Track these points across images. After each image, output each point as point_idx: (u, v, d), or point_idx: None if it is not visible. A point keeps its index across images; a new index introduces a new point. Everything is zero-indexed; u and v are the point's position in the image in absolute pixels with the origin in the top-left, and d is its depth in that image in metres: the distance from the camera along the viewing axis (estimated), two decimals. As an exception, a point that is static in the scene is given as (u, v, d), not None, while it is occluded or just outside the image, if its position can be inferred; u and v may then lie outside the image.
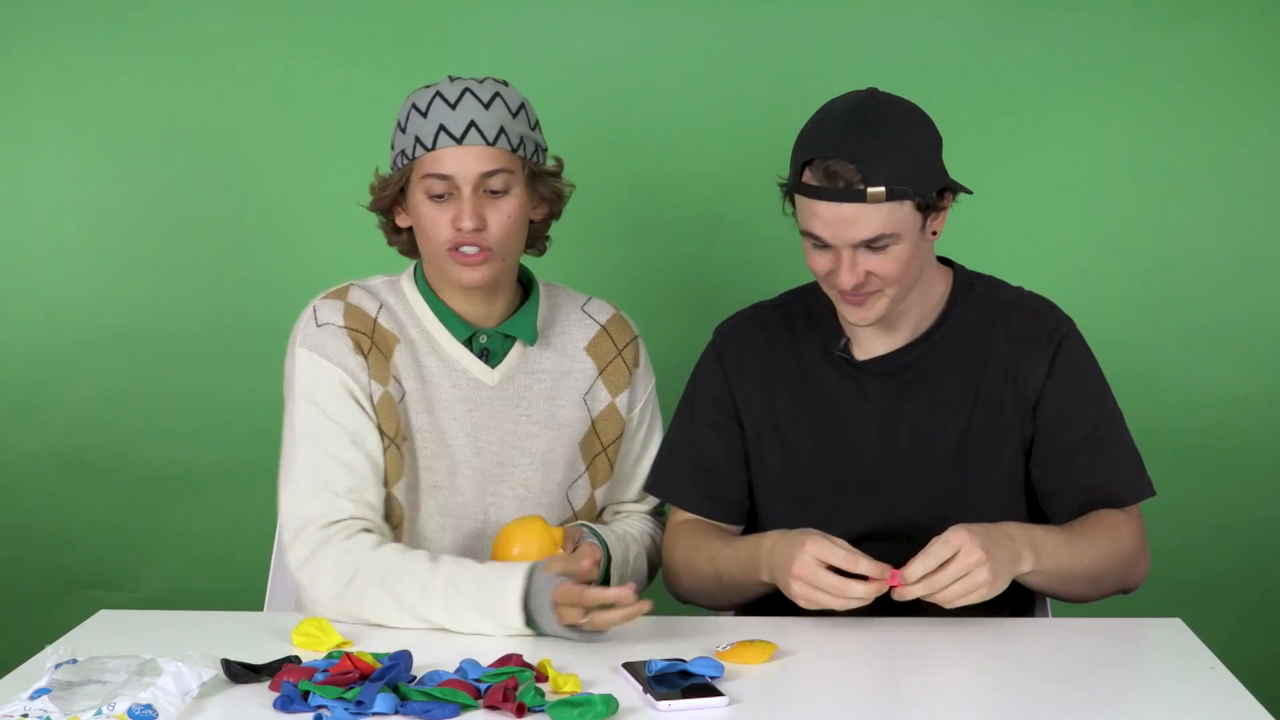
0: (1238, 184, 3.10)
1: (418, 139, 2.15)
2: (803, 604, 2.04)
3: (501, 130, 2.16)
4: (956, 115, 2.18)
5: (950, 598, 1.98)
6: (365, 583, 2.07)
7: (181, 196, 3.15)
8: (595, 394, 2.31)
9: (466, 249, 2.15)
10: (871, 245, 2.08)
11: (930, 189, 2.10)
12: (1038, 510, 2.27)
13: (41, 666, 1.76)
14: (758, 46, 3.08)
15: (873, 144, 2.06)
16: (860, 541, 2.17)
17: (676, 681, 1.78)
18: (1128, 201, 3.11)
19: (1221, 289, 3.12)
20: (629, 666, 1.83)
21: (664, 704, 1.73)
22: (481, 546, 2.24)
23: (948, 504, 2.20)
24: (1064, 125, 3.08)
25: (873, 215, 2.06)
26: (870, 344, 2.25)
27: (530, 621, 2.01)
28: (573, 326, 2.32)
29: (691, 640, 1.97)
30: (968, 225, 2.24)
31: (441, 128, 2.14)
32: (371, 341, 2.19)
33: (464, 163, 2.14)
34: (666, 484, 2.37)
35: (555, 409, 2.28)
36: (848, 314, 2.17)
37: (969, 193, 2.16)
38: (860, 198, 2.05)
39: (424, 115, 2.16)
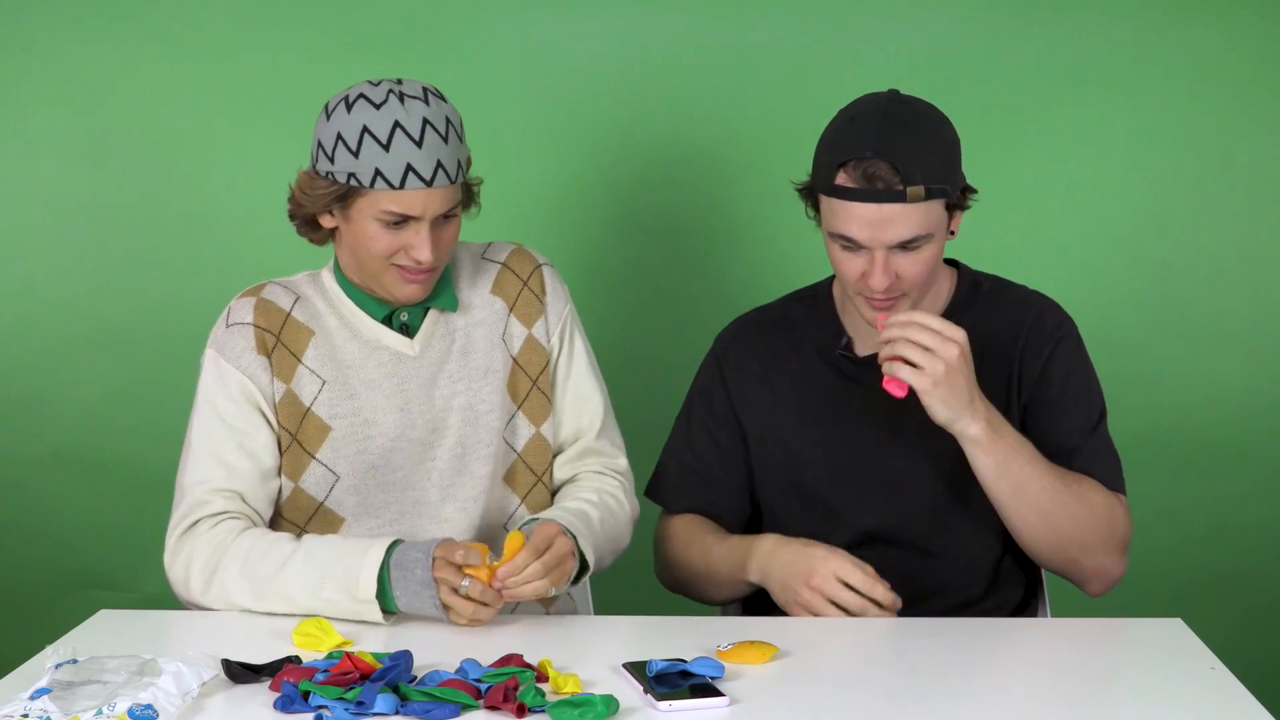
0: (1238, 184, 3.10)
1: (379, 173, 2.10)
2: (797, 613, 2.06)
3: (459, 164, 2.15)
4: (957, 115, 2.18)
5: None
6: (227, 568, 2.12)
7: (182, 196, 3.14)
8: (511, 330, 2.30)
9: (411, 266, 2.16)
10: (906, 246, 2.07)
11: (959, 186, 2.11)
12: None
13: (41, 666, 1.76)
14: (758, 47, 3.08)
15: (910, 143, 2.05)
16: (864, 541, 2.18)
17: (677, 681, 1.78)
18: (1129, 201, 3.11)
19: (1221, 289, 3.12)
20: (629, 666, 1.83)
21: (664, 704, 1.72)
22: (428, 515, 2.25)
23: (949, 499, 2.20)
24: (1065, 125, 3.08)
25: (911, 215, 2.05)
26: (875, 341, 2.25)
27: (384, 592, 2.02)
28: (476, 275, 2.32)
29: (691, 640, 1.97)
30: (968, 225, 2.24)
31: (410, 169, 2.10)
32: (278, 339, 2.23)
33: (429, 203, 2.12)
34: (664, 489, 2.38)
35: (474, 360, 2.27)
36: (871, 318, 2.16)
37: (974, 191, 2.17)
38: (900, 198, 2.04)
39: (385, 148, 2.09)
